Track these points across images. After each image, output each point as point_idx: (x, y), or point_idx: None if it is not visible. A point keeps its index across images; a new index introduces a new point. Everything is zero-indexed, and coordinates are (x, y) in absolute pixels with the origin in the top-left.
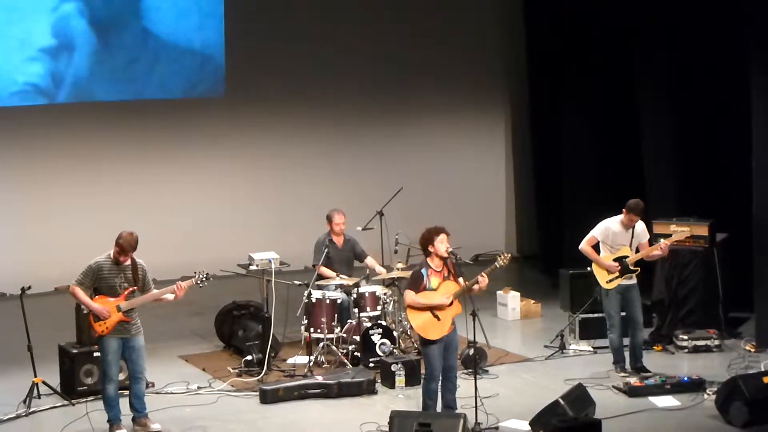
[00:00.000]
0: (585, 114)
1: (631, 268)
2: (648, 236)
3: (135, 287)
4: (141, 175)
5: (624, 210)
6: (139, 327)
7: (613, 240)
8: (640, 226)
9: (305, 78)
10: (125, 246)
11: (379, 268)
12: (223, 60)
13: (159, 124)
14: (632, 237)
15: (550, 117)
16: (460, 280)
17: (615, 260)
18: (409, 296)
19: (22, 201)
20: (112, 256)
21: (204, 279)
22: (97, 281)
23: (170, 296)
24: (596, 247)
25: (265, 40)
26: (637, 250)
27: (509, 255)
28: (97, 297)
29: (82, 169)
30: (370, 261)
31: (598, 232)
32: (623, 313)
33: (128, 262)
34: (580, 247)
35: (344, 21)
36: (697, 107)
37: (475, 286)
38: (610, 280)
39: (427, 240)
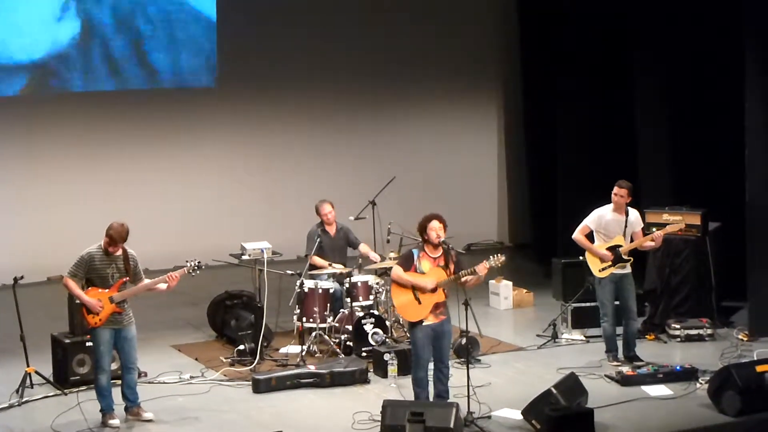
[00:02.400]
0: (579, 103)
1: (624, 257)
2: (642, 225)
3: (127, 278)
4: (133, 165)
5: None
6: (131, 317)
7: (606, 228)
8: (634, 214)
9: (297, 68)
10: (116, 237)
11: (372, 255)
12: (215, 50)
13: (151, 115)
14: (626, 226)
15: (544, 106)
16: (463, 271)
17: (608, 249)
18: (396, 271)
19: (15, 191)
20: (102, 246)
21: (196, 267)
22: (89, 272)
23: (163, 286)
24: (590, 237)
25: (258, 29)
26: (632, 239)
27: (503, 258)
28: (89, 289)
29: (75, 159)
30: (363, 248)
31: (590, 220)
32: (617, 302)
33: (119, 252)
34: (573, 236)
35: (338, 11)
36: (691, 96)
37: (471, 277)
38: (603, 269)
39: (421, 227)
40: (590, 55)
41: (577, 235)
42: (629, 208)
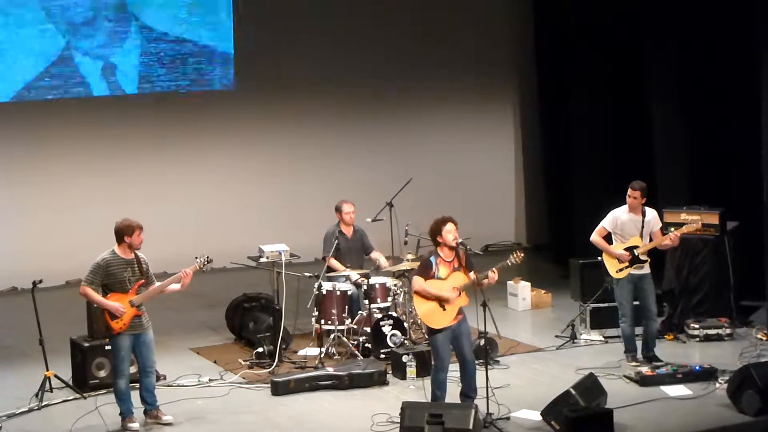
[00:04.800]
0: (595, 103)
1: (642, 257)
2: (660, 225)
3: (144, 280)
4: (151, 167)
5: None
6: (148, 320)
7: (623, 229)
8: (651, 214)
9: (315, 70)
10: (123, 229)
11: (383, 262)
12: (233, 52)
13: (170, 117)
14: (643, 226)
15: (560, 106)
16: (471, 274)
17: (624, 250)
18: (417, 282)
19: (33, 194)
20: (118, 251)
21: (206, 262)
22: (106, 278)
23: (176, 285)
24: (608, 238)
25: (275, 32)
26: (650, 239)
27: (522, 254)
28: (108, 295)
29: (93, 162)
30: (375, 255)
31: (607, 222)
32: (636, 303)
33: (132, 256)
34: (591, 238)
35: (354, 12)
36: (708, 95)
37: (485, 281)
38: (620, 270)
39: (435, 230)
40: (606, 56)
41: (594, 237)
42: (646, 208)
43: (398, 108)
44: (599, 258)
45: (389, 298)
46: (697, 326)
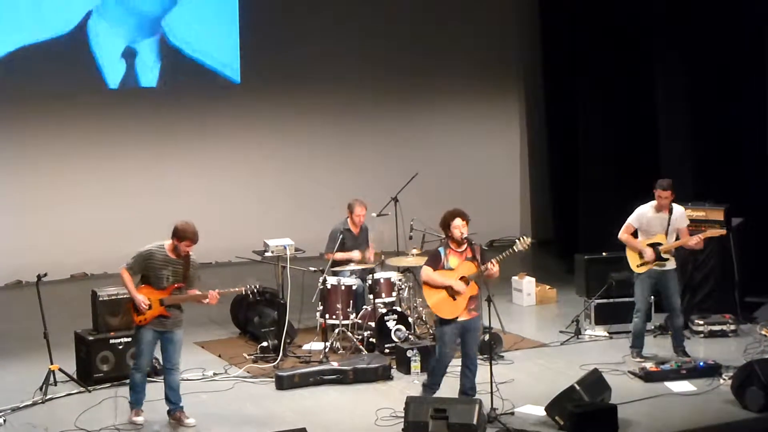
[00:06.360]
0: (600, 100)
1: (664, 255)
2: (687, 222)
3: (181, 284)
4: (157, 162)
5: (654, 191)
6: (180, 321)
7: (648, 226)
8: (679, 211)
9: (321, 65)
10: (181, 234)
11: (371, 257)
12: (239, 47)
13: (175, 112)
14: (669, 224)
15: (565, 102)
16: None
17: (648, 246)
18: (426, 272)
19: (39, 187)
20: (167, 247)
21: (255, 290)
22: (145, 269)
23: (206, 300)
24: (634, 235)
25: (282, 26)
26: (677, 236)
27: (529, 240)
28: (143, 286)
29: (99, 157)
30: (368, 252)
31: (633, 219)
32: (652, 299)
33: (179, 257)
34: (618, 236)
35: (359, 7)
36: (714, 90)
37: (485, 273)
38: (640, 265)
39: (445, 222)
40: (612, 52)
41: (622, 235)
42: (673, 204)
43: (405, 103)
44: (604, 253)
45: (394, 293)
46: (701, 322)
